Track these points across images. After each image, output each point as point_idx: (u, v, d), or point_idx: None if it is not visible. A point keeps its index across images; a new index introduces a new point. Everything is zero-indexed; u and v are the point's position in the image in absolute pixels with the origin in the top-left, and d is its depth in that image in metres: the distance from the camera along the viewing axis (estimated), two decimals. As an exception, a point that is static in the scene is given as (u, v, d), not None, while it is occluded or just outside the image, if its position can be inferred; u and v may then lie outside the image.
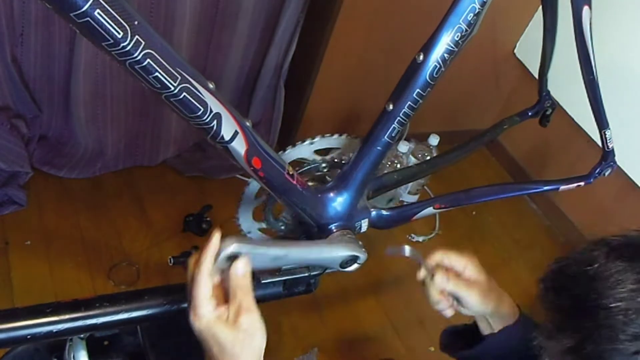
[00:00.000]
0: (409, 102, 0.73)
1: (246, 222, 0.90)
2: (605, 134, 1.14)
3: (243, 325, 0.64)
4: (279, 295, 0.90)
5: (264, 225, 0.90)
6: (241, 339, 0.65)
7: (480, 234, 2.01)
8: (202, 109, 0.58)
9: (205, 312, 0.64)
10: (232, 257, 0.66)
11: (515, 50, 2.11)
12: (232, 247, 0.65)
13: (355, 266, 0.78)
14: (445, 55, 0.70)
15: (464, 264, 0.82)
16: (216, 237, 0.67)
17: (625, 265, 0.55)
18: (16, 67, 1.47)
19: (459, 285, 0.81)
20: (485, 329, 0.87)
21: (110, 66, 1.48)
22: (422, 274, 0.82)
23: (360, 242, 0.81)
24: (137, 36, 0.50)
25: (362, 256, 0.78)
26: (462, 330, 0.92)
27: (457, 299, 0.83)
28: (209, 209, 1.68)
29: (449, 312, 0.85)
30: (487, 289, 0.83)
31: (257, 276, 0.85)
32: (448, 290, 0.81)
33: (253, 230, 0.91)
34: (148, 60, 0.52)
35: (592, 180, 1.19)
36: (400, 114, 0.74)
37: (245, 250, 0.66)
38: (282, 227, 0.91)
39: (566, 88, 1.51)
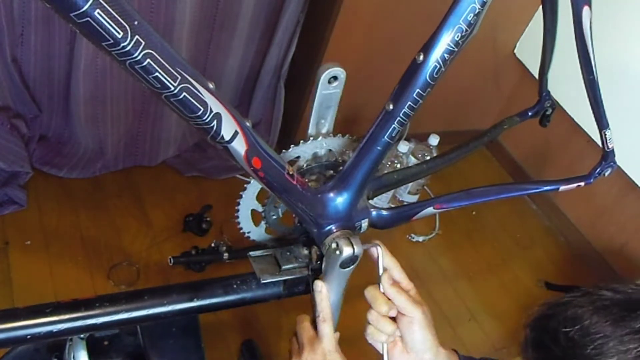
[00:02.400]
0: (409, 102, 0.73)
1: (246, 224, 0.89)
2: (605, 134, 1.14)
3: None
4: (279, 295, 0.90)
5: (264, 227, 0.90)
6: None
7: (480, 234, 2.01)
8: (202, 109, 0.58)
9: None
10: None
11: (515, 50, 2.11)
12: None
13: (353, 267, 0.78)
14: (446, 55, 0.70)
15: (410, 287, 0.78)
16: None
17: (609, 331, 0.51)
18: (16, 67, 1.47)
19: (404, 296, 0.76)
20: None
21: (110, 66, 1.48)
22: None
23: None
24: (137, 36, 0.50)
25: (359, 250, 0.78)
26: None
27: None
28: (209, 209, 1.68)
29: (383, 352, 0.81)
30: (428, 319, 0.76)
31: (257, 276, 0.85)
32: (390, 296, 0.77)
33: (255, 233, 0.91)
34: (148, 60, 0.52)
35: (592, 180, 1.19)
36: (400, 114, 0.74)
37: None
38: (274, 217, 0.90)
39: (566, 88, 1.51)
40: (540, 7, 1.18)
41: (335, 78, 0.78)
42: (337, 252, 0.77)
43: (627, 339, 0.50)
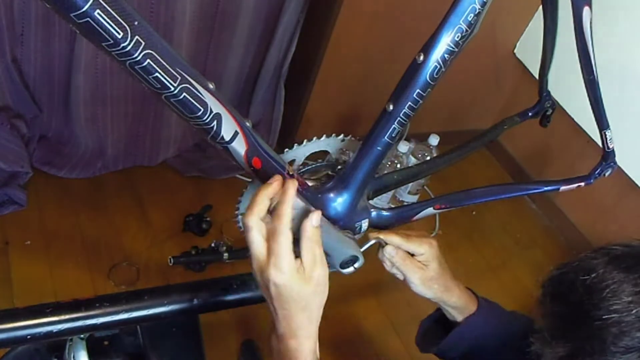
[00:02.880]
0: (409, 103, 0.73)
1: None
2: (605, 134, 1.14)
3: (317, 279, 0.64)
4: (279, 295, 0.89)
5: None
6: (315, 292, 0.64)
7: (480, 234, 2.01)
8: (202, 110, 0.58)
9: (287, 265, 0.61)
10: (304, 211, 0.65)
11: (515, 50, 2.11)
12: (298, 202, 0.64)
13: (351, 269, 0.78)
14: (446, 55, 0.70)
15: (423, 250, 0.83)
16: (293, 186, 0.63)
17: (623, 277, 0.55)
18: (16, 67, 1.47)
19: (405, 264, 0.82)
20: (451, 318, 0.89)
21: (110, 66, 1.48)
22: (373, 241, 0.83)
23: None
24: (137, 36, 0.50)
25: (361, 260, 0.78)
26: (434, 325, 0.93)
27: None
28: (209, 209, 1.68)
29: (398, 275, 0.86)
30: (434, 275, 0.84)
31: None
32: (394, 264, 0.83)
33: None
34: (148, 60, 0.52)
35: (592, 180, 1.19)
36: (401, 115, 0.74)
37: (300, 206, 0.66)
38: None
39: (566, 88, 1.51)
40: (541, 7, 1.18)
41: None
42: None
43: None
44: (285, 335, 0.66)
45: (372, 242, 0.81)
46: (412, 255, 0.84)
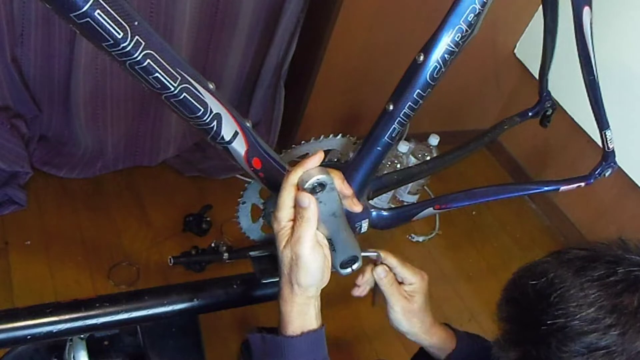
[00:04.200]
0: (409, 103, 0.73)
1: (247, 224, 0.89)
2: (605, 135, 1.14)
3: (286, 256, 0.66)
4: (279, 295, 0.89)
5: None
6: (287, 265, 0.66)
7: (480, 234, 2.01)
8: (202, 110, 0.58)
9: (281, 217, 0.66)
10: (319, 187, 0.66)
11: (515, 50, 2.11)
12: (317, 177, 0.64)
13: (349, 271, 0.78)
14: (446, 55, 0.70)
15: (414, 280, 0.82)
16: (318, 156, 0.66)
17: (570, 281, 0.54)
18: (16, 67, 1.47)
19: (392, 289, 0.81)
20: (435, 357, 0.88)
21: (110, 66, 1.48)
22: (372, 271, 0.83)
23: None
24: (137, 37, 0.50)
25: (360, 262, 0.78)
26: None
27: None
28: (209, 209, 1.68)
29: (357, 292, 0.86)
30: (417, 310, 0.82)
31: (257, 276, 0.85)
32: (381, 286, 0.82)
33: (256, 234, 0.91)
34: (148, 60, 0.52)
35: (592, 180, 1.19)
36: (401, 115, 0.74)
37: (329, 183, 0.66)
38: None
39: (566, 88, 1.51)
40: (541, 7, 1.18)
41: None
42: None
43: (586, 286, 0.54)
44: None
45: (372, 253, 0.81)
46: (401, 284, 0.84)
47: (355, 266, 0.78)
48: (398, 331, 0.85)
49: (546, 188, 1.13)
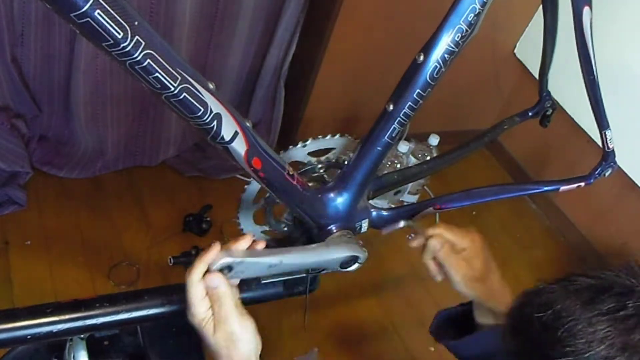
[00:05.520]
0: (409, 103, 0.73)
1: (247, 225, 0.89)
2: (605, 135, 1.14)
3: (220, 337, 0.68)
4: (279, 295, 0.90)
5: (266, 228, 0.90)
6: (224, 346, 0.68)
7: (480, 234, 2.00)
8: (202, 110, 0.58)
9: (197, 312, 0.68)
10: (227, 268, 0.69)
11: (515, 50, 2.11)
12: (221, 261, 0.68)
13: (356, 266, 0.78)
14: (446, 55, 0.70)
15: (466, 244, 0.82)
16: (215, 247, 0.69)
17: (579, 314, 0.52)
18: (16, 67, 1.47)
19: (449, 258, 0.81)
20: (478, 318, 0.86)
21: (110, 66, 1.48)
22: (415, 242, 0.83)
23: (360, 242, 0.81)
24: (137, 36, 0.50)
25: (362, 255, 0.78)
26: (456, 316, 0.90)
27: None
28: (209, 209, 1.68)
29: (438, 277, 0.85)
30: (478, 276, 0.82)
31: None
32: (439, 258, 0.81)
33: (257, 234, 0.91)
34: (148, 60, 0.52)
35: (592, 180, 1.19)
36: (401, 114, 0.74)
37: (236, 262, 0.68)
38: (285, 229, 0.91)
39: (566, 88, 1.51)
40: (541, 7, 1.18)
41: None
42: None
43: (595, 321, 0.51)
44: None
45: (402, 225, 0.80)
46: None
47: (360, 260, 0.78)
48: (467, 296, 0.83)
49: (546, 188, 1.13)
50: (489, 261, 0.83)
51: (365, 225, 0.86)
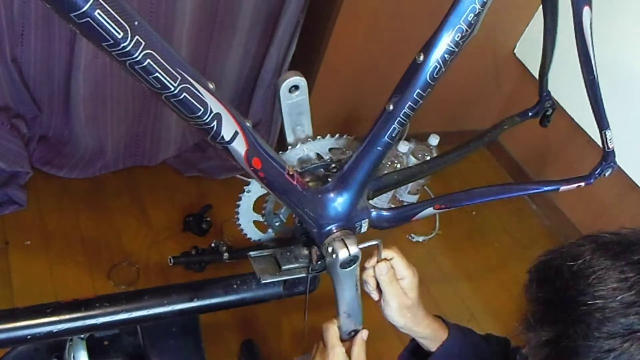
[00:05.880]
0: (409, 103, 0.73)
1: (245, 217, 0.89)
2: (605, 135, 1.14)
3: None
4: (279, 295, 0.90)
5: (260, 218, 0.89)
6: None
7: (480, 234, 2.01)
8: (202, 110, 0.58)
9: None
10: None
11: (515, 50, 2.11)
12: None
13: (355, 266, 0.78)
14: (446, 55, 0.70)
15: (405, 275, 0.84)
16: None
17: (610, 264, 0.55)
18: (16, 67, 1.47)
19: (392, 284, 0.82)
20: (425, 348, 0.90)
21: (110, 66, 1.48)
22: (370, 262, 0.83)
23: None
24: (137, 36, 0.50)
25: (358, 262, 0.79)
26: (411, 356, 0.95)
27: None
28: (209, 209, 1.68)
29: (375, 295, 0.86)
30: (410, 305, 0.84)
31: (257, 276, 0.85)
32: (381, 281, 0.82)
33: (248, 223, 0.91)
34: (148, 60, 0.52)
35: (592, 180, 1.19)
36: (401, 114, 0.74)
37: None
38: (277, 224, 0.91)
39: (566, 88, 1.51)
40: (541, 7, 1.18)
41: (296, 87, 0.76)
42: (334, 256, 0.77)
43: (627, 269, 0.54)
44: None
45: (373, 242, 0.81)
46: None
47: (354, 266, 0.78)
48: (392, 324, 0.87)
49: (546, 188, 1.13)
50: (418, 294, 0.86)
51: (365, 225, 0.86)
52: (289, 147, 0.83)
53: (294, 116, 0.82)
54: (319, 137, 0.84)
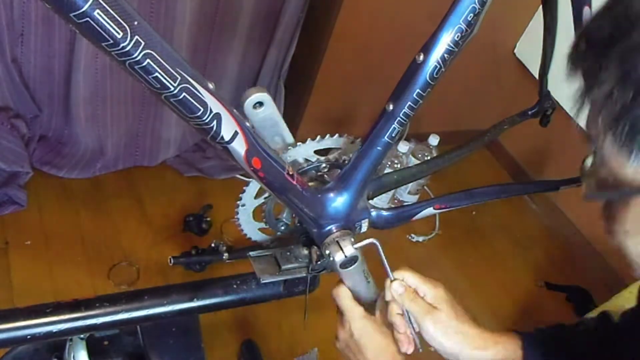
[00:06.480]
0: (409, 103, 0.73)
1: (246, 223, 0.89)
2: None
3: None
4: (279, 295, 0.89)
5: (263, 225, 0.89)
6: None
7: (480, 234, 2.00)
8: (202, 109, 0.58)
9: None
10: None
11: (515, 50, 2.11)
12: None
13: (355, 265, 0.78)
14: (446, 55, 0.70)
15: (424, 290, 0.73)
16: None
17: None
18: (16, 67, 1.47)
19: (415, 303, 0.71)
20: None
21: (110, 66, 1.48)
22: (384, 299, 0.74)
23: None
24: (137, 36, 0.50)
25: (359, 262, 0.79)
26: None
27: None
28: (209, 209, 1.68)
29: (405, 345, 0.71)
30: (450, 323, 0.72)
31: (257, 276, 0.85)
32: (403, 304, 0.71)
33: (253, 231, 0.91)
34: (148, 60, 0.52)
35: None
36: (401, 114, 0.74)
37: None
38: (282, 228, 0.91)
39: (566, 88, 1.51)
40: (541, 7, 1.18)
41: (260, 103, 0.75)
42: (331, 259, 0.77)
43: None
44: None
45: (366, 242, 0.76)
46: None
47: (354, 266, 0.78)
48: (447, 356, 0.73)
49: (546, 188, 1.13)
50: (457, 306, 0.74)
51: (365, 225, 0.86)
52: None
53: (268, 129, 0.82)
54: (299, 143, 0.84)
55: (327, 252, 0.78)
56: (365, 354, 0.72)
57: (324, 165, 0.85)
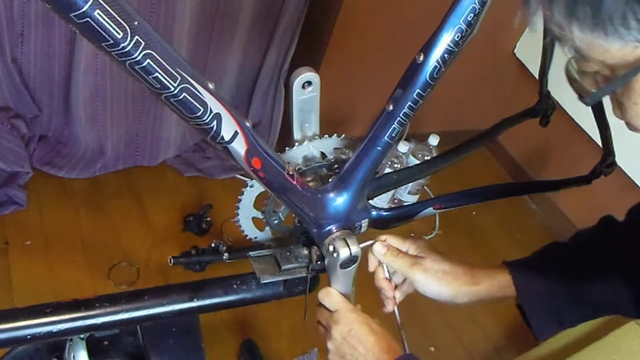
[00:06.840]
0: (409, 103, 0.73)
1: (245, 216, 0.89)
2: (605, 134, 1.14)
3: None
4: (278, 295, 0.89)
5: (259, 215, 0.89)
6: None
7: (480, 234, 2.00)
8: (202, 109, 0.58)
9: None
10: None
11: (515, 50, 2.11)
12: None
13: (355, 266, 0.78)
14: (446, 55, 0.70)
15: (406, 247, 0.77)
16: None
17: None
18: (16, 67, 1.47)
19: (400, 260, 0.75)
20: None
21: (110, 66, 1.48)
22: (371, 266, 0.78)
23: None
24: (137, 36, 0.50)
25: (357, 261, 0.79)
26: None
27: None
28: (209, 209, 1.68)
29: (389, 305, 0.78)
30: (438, 268, 0.76)
31: (257, 276, 0.85)
32: (387, 263, 0.76)
33: (253, 230, 0.91)
34: (148, 60, 0.52)
35: (592, 180, 1.19)
36: (400, 114, 0.74)
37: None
38: (276, 222, 0.91)
39: (566, 88, 1.50)
40: (540, 7, 1.18)
41: (309, 83, 0.76)
42: (335, 255, 0.77)
43: None
44: None
45: (369, 242, 0.80)
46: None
47: (351, 267, 0.78)
48: (445, 302, 0.76)
49: (546, 188, 1.13)
50: (434, 252, 0.77)
51: (365, 225, 0.86)
52: (296, 144, 0.83)
53: (304, 113, 0.82)
54: (325, 135, 0.84)
55: (332, 247, 0.78)
56: (366, 343, 0.73)
57: (324, 165, 0.85)
